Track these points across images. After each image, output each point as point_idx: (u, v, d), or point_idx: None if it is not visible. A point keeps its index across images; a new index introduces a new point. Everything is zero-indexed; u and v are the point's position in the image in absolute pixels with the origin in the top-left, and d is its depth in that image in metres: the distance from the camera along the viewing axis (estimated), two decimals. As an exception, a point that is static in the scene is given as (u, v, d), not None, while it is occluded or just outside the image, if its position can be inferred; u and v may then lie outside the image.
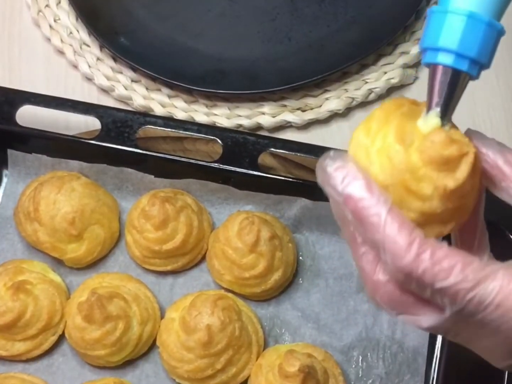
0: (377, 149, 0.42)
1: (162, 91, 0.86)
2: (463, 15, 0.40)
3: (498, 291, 0.38)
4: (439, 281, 0.39)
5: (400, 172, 0.41)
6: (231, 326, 0.68)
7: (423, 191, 0.41)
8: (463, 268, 0.39)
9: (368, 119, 0.44)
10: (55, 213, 0.73)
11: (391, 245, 0.40)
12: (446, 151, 0.41)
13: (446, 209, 0.42)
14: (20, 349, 0.71)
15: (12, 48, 0.90)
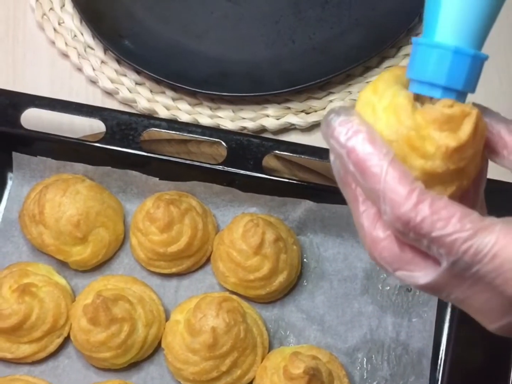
0: (384, 106, 0.43)
1: (166, 93, 0.86)
2: (449, 50, 0.42)
3: (494, 242, 0.39)
4: (437, 230, 0.40)
5: (406, 129, 0.42)
6: (236, 328, 0.69)
7: (426, 149, 0.42)
8: (461, 218, 0.39)
9: (377, 80, 0.44)
10: (60, 215, 0.73)
11: (391, 193, 0.41)
12: (449, 110, 0.41)
13: (448, 170, 0.42)
14: (26, 351, 0.71)
15: (16, 51, 0.90)
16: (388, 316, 0.73)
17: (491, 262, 0.39)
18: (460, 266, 0.40)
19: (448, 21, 0.42)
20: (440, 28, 0.42)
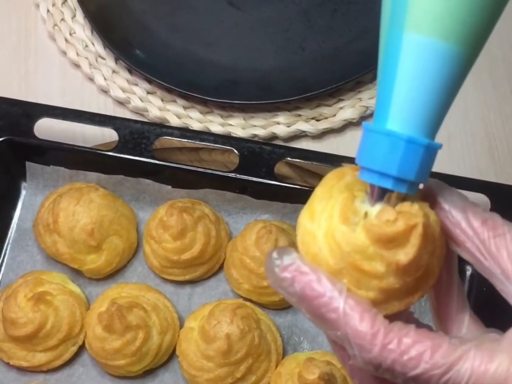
0: (323, 233, 0.40)
1: (177, 102, 0.87)
2: (402, 140, 0.38)
3: (470, 373, 0.37)
4: (410, 371, 0.38)
5: (350, 254, 0.39)
6: (250, 335, 0.69)
7: (377, 269, 0.39)
8: (432, 354, 0.38)
9: (311, 199, 0.41)
10: (74, 224, 0.74)
11: (355, 339, 0.38)
12: (391, 228, 0.38)
13: (406, 283, 0.39)
14: (41, 359, 0.72)
15: (28, 61, 0.91)
16: (401, 321, 0.74)
17: None
18: None
19: (401, 108, 0.38)
20: (393, 115, 0.39)
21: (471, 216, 0.40)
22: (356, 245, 0.39)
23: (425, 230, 0.38)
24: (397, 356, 0.38)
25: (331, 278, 0.39)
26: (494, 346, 0.38)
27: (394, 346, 0.38)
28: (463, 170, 0.82)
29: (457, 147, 0.84)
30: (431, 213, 0.40)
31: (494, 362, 0.37)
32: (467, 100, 0.87)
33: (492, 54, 0.89)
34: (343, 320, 0.38)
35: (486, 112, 0.86)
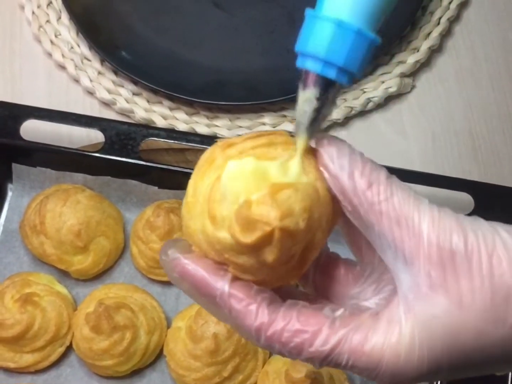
0: (200, 230, 0.40)
1: (163, 103, 0.87)
2: (332, 23, 0.39)
3: (348, 356, 0.39)
4: (296, 357, 0.40)
5: (221, 251, 0.39)
6: (237, 334, 0.69)
7: (250, 263, 0.39)
8: (312, 342, 0.39)
9: (188, 188, 0.42)
10: (61, 225, 0.74)
11: (246, 332, 0.40)
12: (249, 240, 0.38)
13: (285, 267, 0.40)
14: (28, 360, 0.72)
15: (13, 63, 0.91)
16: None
17: (352, 370, 0.40)
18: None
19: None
20: (329, 1, 0.39)
21: (355, 169, 0.39)
22: (224, 244, 0.39)
23: (284, 232, 0.38)
24: (282, 347, 0.40)
25: (215, 272, 0.40)
26: (371, 325, 0.39)
27: (277, 337, 0.40)
28: (447, 169, 0.83)
29: (441, 147, 0.85)
30: (319, 181, 0.40)
31: (369, 343, 0.39)
32: (451, 100, 0.88)
33: (475, 55, 0.90)
34: (232, 315, 0.40)
35: (470, 112, 0.87)
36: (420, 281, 0.38)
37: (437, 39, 0.90)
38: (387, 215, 0.38)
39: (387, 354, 0.38)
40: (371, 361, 0.39)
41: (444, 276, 0.37)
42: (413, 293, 0.38)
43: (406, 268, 0.38)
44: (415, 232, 0.38)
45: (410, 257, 0.38)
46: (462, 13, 0.93)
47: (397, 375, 0.39)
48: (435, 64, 0.90)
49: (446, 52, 0.91)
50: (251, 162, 0.39)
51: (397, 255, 0.38)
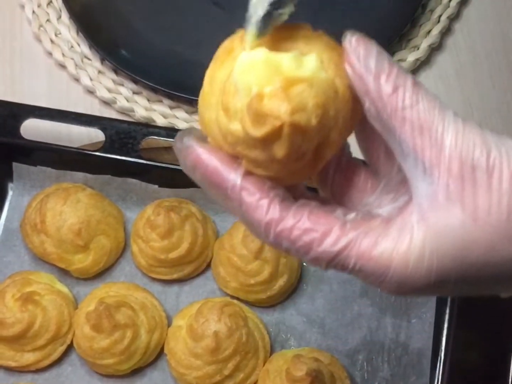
0: (214, 120, 0.39)
1: (163, 102, 0.87)
2: None
3: (355, 260, 0.39)
4: (303, 255, 0.40)
5: (234, 144, 0.39)
6: (238, 332, 0.69)
7: (262, 158, 0.39)
8: (321, 242, 0.39)
9: (205, 79, 0.41)
10: (61, 224, 0.74)
11: (254, 226, 0.40)
12: (259, 132, 0.37)
13: (300, 163, 0.39)
14: (29, 359, 0.72)
15: (14, 62, 0.91)
16: (388, 317, 0.74)
17: (359, 274, 0.39)
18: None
19: None
20: None
21: (382, 82, 0.38)
22: (236, 137, 0.38)
23: (294, 127, 0.37)
24: (290, 244, 0.39)
25: (228, 167, 0.40)
26: (382, 231, 0.39)
27: (286, 234, 0.39)
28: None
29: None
30: (338, 78, 0.38)
31: (379, 248, 0.38)
32: (451, 98, 0.88)
33: (475, 52, 0.90)
34: (242, 209, 0.40)
35: (470, 110, 0.87)
36: (438, 191, 0.38)
37: (437, 37, 0.90)
38: (410, 122, 0.38)
39: (395, 261, 0.38)
40: (379, 267, 0.38)
41: (463, 189, 0.37)
42: (428, 202, 0.38)
43: (424, 176, 0.38)
44: (437, 143, 0.38)
45: (430, 166, 0.38)
46: (462, 11, 0.93)
47: (404, 283, 0.39)
48: (435, 62, 0.90)
49: (446, 50, 0.91)
50: (264, 54, 0.38)
51: (417, 163, 0.38)
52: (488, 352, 0.72)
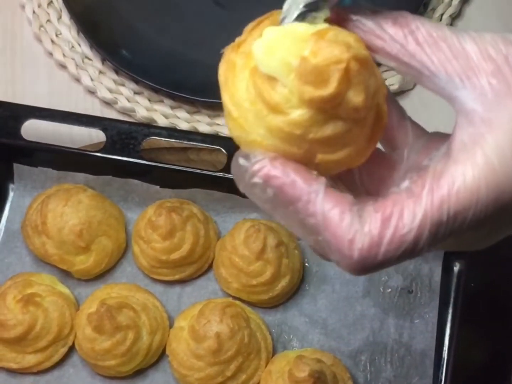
0: (268, 131, 0.37)
1: (164, 102, 0.87)
2: None
3: (447, 206, 0.36)
4: (394, 252, 0.37)
5: (304, 135, 0.36)
6: (240, 333, 0.69)
7: (337, 130, 0.37)
8: (401, 220, 0.36)
9: (223, 90, 0.40)
10: (62, 225, 0.74)
11: (335, 245, 0.37)
12: (330, 90, 0.35)
13: (366, 124, 0.38)
14: (31, 361, 0.72)
15: (14, 63, 0.91)
16: (390, 318, 0.74)
17: (455, 221, 0.37)
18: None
19: None
20: None
21: (381, 20, 0.39)
22: (304, 123, 0.36)
23: (358, 61, 0.36)
24: (376, 250, 0.37)
25: (306, 178, 0.37)
26: (449, 164, 0.37)
27: (368, 244, 0.36)
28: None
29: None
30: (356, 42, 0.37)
31: (458, 179, 0.36)
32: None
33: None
34: (322, 224, 0.37)
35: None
36: (483, 90, 0.37)
37: (439, 36, 0.89)
38: (424, 42, 0.38)
39: (482, 176, 0.36)
40: (470, 194, 0.36)
41: (506, 80, 0.36)
42: (480, 103, 0.37)
43: (463, 84, 0.37)
44: (460, 52, 0.37)
45: (464, 73, 0.37)
46: (464, 10, 0.93)
47: (502, 194, 0.36)
48: (437, 60, 0.90)
49: (448, 49, 0.91)
50: (276, 30, 0.38)
51: (450, 76, 0.37)
52: (491, 352, 0.72)
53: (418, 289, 0.75)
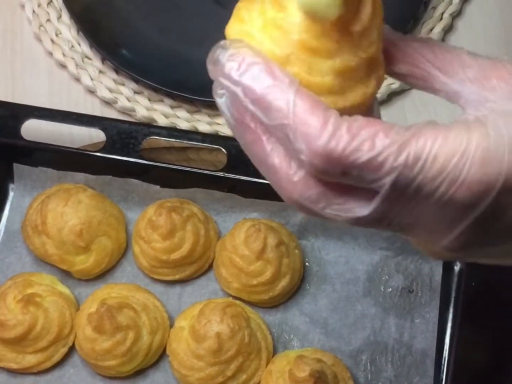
0: (260, 27, 0.37)
1: (164, 102, 0.87)
2: None
3: (431, 144, 0.35)
4: (363, 154, 0.35)
5: (296, 35, 0.36)
6: (241, 333, 0.69)
7: (327, 45, 0.36)
8: (386, 133, 0.35)
9: (235, 12, 0.39)
10: (62, 225, 0.74)
11: (304, 127, 0.35)
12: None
13: (360, 60, 0.37)
14: (31, 361, 0.72)
15: (14, 63, 0.91)
16: (391, 317, 0.74)
17: (433, 166, 0.35)
18: (401, 184, 0.35)
19: None
20: None
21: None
22: (301, 24, 0.36)
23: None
24: (349, 140, 0.35)
25: (282, 69, 0.36)
26: (448, 126, 0.36)
27: (344, 131, 0.35)
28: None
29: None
30: None
31: (453, 127, 0.36)
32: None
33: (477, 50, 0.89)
34: (292, 108, 0.35)
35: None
36: (496, 88, 0.38)
37: (440, 35, 0.89)
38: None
39: (475, 137, 0.35)
40: (459, 145, 0.35)
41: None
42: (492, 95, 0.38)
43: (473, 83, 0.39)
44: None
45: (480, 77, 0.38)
46: (464, 8, 0.92)
47: (489, 161, 0.35)
48: (437, 59, 0.90)
49: (448, 48, 0.91)
50: None
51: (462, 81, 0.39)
52: (492, 351, 0.72)
53: (419, 289, 0.75)
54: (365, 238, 0.76)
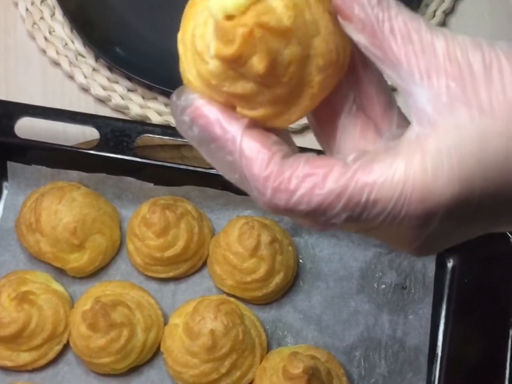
0: (196, 73, 0.39)
1: (158, 99, 0.87)
2: None
3: (370, 189, 0.36)
4: (306, 207, 0.37)
5: (218, 85, 0.37)
6: (235, 330, 0.69)
7: (247, 88, 0.37)
8: (323, 183, 0.36)
9: (182, 23, 0.41)
10: (56, 223, 0.74)
11: (252, 182, 0.37)
12: (230, 51, 0.36)
13: (287, 84, 0.37)
14: (26, 359, 0.72)
15: (8, 60, 0.90)
16: (384, 314, 0.74)
17: (374, 207, 0.36)
18: (352, 218, 0.37)
19: None
20: None
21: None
22: (218, 74, 0.37)
23: (264, 29, 0.35)
24: (289, 196, 0.36)
25: (229, 117, 0.38)
26: (390, 154, 0.36)
27: (284, 186, 0.37)
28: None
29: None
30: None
31: (391, 168, 0.36)
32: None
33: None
34: (240, 162, 0.37)
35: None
36: (439, 93, 0.36)
37: (433, 32, 0.89)
38: (398, 30, 0.37)
39: (412, 173, 0.35)
40: (396, 187, 0.36)
41: (464, 86, 0.36)
42: (431, 105, 0.36)
43: (422, 82, 0.36)
44: (428, 47, 0.37)
45: (426, 70, 0.36)
46: (457, 6, 0.93)
47: (427, 196, 0.36)
48: (430, 56, 0.90)
49: (441, 45, 0.91)
50: None
51: (412, 70, 0.37)
52: (485, 347, 0.72)
53: (412, 285, 0.75)
54: (359, 235, 0.76)
